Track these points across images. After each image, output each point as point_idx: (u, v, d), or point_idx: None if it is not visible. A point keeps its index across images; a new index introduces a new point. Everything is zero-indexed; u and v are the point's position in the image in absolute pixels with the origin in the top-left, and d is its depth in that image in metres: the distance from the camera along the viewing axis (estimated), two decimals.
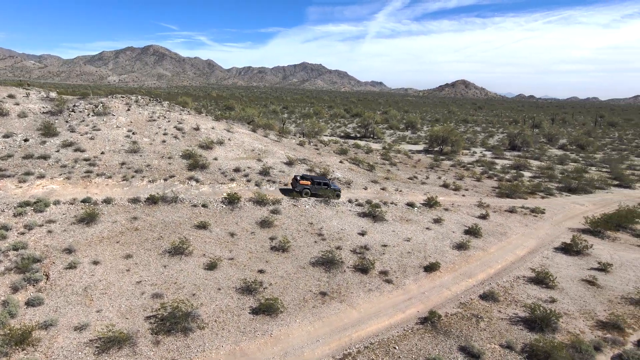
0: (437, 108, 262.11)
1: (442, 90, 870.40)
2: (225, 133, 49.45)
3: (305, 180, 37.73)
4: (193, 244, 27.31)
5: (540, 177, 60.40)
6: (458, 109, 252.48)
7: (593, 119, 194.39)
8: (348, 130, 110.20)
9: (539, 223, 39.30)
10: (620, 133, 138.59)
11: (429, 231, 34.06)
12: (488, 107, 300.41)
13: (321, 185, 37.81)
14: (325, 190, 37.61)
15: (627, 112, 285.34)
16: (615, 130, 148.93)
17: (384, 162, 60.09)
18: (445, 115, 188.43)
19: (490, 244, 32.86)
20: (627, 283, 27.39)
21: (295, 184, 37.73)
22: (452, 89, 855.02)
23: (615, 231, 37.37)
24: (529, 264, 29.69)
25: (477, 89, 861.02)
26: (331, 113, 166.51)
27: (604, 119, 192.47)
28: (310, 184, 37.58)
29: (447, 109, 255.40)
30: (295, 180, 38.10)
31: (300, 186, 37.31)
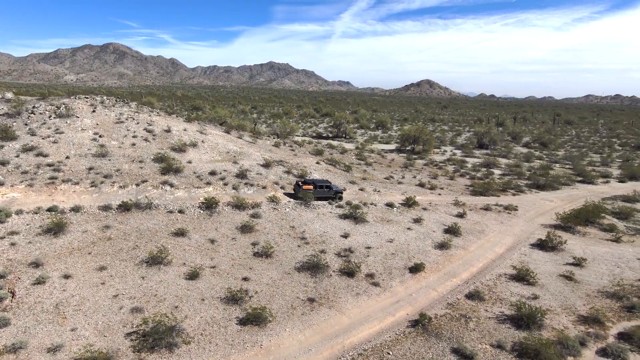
0: (404, 107, 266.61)
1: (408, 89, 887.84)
2: (198, 135, 47.86)
3: (308, 185, 37.45)
4: (172, 253, 26.04)
5: (509, 174, 62.26)
6: (424, 108, 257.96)
7: (551, 117, 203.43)
8: (320, 130, 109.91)
9: (513, 220, 40.33)
10: (577, 131, 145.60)
11: (410, 231, 34.15)
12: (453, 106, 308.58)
13: (323, 188, 37.71)
14: (328, 192, 37.59)
15: (580, 111, 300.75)
16: (572, 128, 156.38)
17: (360, 162, 60.14)
18: (413, 115, 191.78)
19: (470, 243, 33.32)
20: (602, 277, 28.41)
21: (298, 190, 37.22)
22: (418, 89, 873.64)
23: (585, 226, 38.85)
24: (509, 261, 30.28)
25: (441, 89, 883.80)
26: (301, 113, 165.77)
27: (560, 118, 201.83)
28: (313, 188, 37.38)
29: (414, 108, 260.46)
30: (297, 186, 37.61)
31: (303, 192, 36.87)
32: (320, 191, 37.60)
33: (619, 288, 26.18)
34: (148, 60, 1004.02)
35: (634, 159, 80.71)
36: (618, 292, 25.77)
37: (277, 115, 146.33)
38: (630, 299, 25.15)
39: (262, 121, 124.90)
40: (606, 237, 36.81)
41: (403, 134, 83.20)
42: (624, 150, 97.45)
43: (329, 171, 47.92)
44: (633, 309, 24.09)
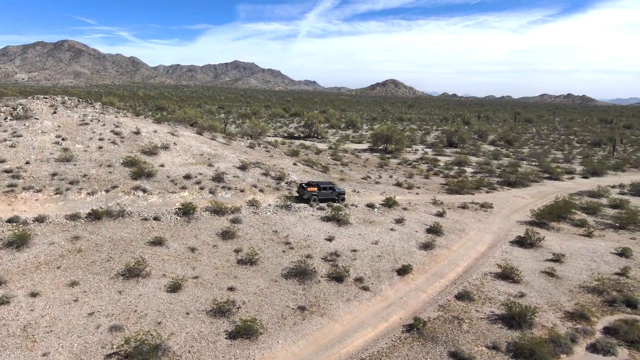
0: (371, 107, 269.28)
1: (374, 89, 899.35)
2: (169, 137, 45.74)
3: (312, 187, 37.36)
4: (150, 264, 24.43)
5: (480, 172, 63.66)
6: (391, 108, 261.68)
7: (511, 116, 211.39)
8: (291, 130, 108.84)
9: (490, 217, 41.01)
10: (537, 128, 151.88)
11: (393, 232, 33.90)
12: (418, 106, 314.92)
13: (327, 189, 37.76)
14: (331, 194, 37.71)
15: (537, 109, 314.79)
16: (532, 126, 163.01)
17: (336, 162, 59.68)
18: (381, 114, 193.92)
19: (452, 242, 33.46)
20: (580, 272, 29.17)
21: (303, 192, 37.11)
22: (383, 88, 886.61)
23: (558, 222, 40.03)
24: (493, 260, 30.58)
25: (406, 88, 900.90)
26: (270, 113, 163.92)
27: (520, 116, 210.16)
28: (317, 190, 37.29)
29: (381, 107, 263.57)
30: (301, 188, 37.45)
31: (308, 193, 36.88)
32: (324, 192, 37.60)
33: (598, 283, 26.90)
34: (106, 59, 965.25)
35: (592, 156, 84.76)
36: (598, 286, 26.47)
37: (246, 115, 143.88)
38: (610, 293, 25.88)
39: (230, 121, 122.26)
40: (579, 232, 38.04)
41: (375, 133, 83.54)
42: (582, 147, 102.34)
43: (306, 172, 47.08)
44: (614, 302, 24.77)
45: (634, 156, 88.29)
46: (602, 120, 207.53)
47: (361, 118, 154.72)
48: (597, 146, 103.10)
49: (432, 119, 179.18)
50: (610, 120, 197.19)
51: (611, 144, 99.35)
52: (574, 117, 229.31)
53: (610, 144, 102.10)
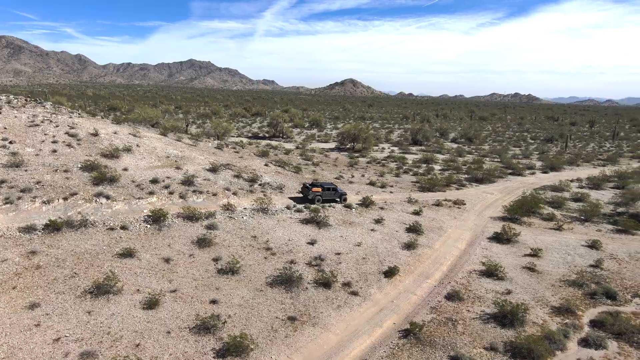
0: (332, 106, 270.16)
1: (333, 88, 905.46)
2: (131, 138, 42.65)
3: (317, 187, 37.84)
4: (121, 278, 22.19)
5: (448, 169, 64.74)
6: (352, 107, 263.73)
7: (467, 114, 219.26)
8: (255, 130, 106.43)
9: (465, 214, 41.42)
10: (492, 126, 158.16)
11: (374, 233, 33.24)
12: (377, 105, 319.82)
13: (330, 190, 38.35)
14: (334, 194, 38.40)
15: (488, 108, 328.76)
16: (487, 124, 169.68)
17: (307, 162, 58.48)
18: (343, 113, 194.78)
19: (433, 240, 33.29)
20: (558, 266, 29.80)
21: (307, 192, 37.70)
22: (342, 88, 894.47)
23: (528, 216, 41.07)
24: (475, 257, 30.63)
25: (364, 88, 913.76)
26: (230, 113, 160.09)
27: (475, 114, 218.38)
28: (321, 191, 37.76)
29: (342, 106, 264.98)
30: (306, 188, 38.05)
31: (313, 193, 37.44)
32: (327, 193, 38.14)
33: (577, 276, 27.49)
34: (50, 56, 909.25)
35: (547, 151, 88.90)
36: (577, 280, 27.04)
37: (206, 115, 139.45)
38: (589, 285, 26.50)
39: (190, 122, 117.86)
40: (549, 226, 39.17)
41: (342, 132, 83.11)
42: (536, 143, 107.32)
43: (278, 173, 45.58)
44: (595, 295, 25.34)
45: (584, 151, 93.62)
46: (549, 117, 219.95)
47: (324, 117, 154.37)
48: (549, 142, 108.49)
49: (393, 117, 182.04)
50: (556, 118, 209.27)
51: (562, 140, 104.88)
52: (523, 114, 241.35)
53: (561, 140, 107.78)
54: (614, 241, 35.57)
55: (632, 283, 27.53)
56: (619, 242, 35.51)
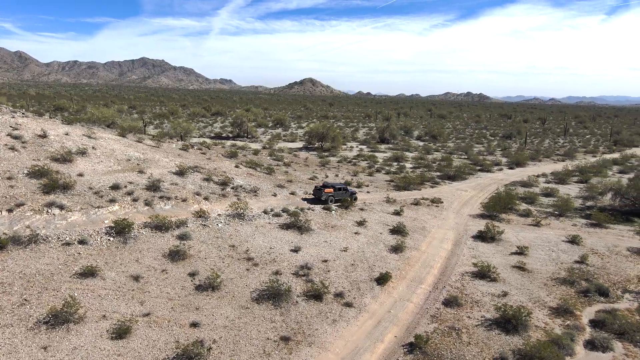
0: (292, 105, 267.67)
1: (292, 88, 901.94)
2: (86, 140, 38.42)
3: (329, 188, 38.34)
4: (83, 303, 19.05)
5: (419, 167, 64.48)
6: (313, 106, 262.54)
7: (425, 112, 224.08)
8: (217, 130, 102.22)
9: (444, 213, 40.73)
10: (452, 124, 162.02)
11: (359, 236, 31.56)
12: (338, 104, 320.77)
13: (341, 190, 38.94)
14: (345, 194, 38.93)
15: (444, 106, 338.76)
16: (447, 122, 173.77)
17: (277, 163, 56.03)
18: (305, 112, 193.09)
19: (419, 242, 32.09)
20: (546, 263, 29.41)
21: (320, 194, 38.05)
22: (301, 87, 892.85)
23: (506, 213, 41.00)
24: (463, 258, 29.66)
25: (323, 87, 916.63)
26: (189, 112, 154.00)
27: (434, 113, 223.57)
28: (334, 191, 38.34)
29: (304, 105, 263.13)
30: (318, 190, 38.45)
31: (326, 195, 37.93)
32: (339, 193, 38.68)
33: (567, 274, 27.13)
34: None
35: (509, 148, 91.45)
36: (568, 277, 26.65)
37: (163, 115, 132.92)
38: (580, 283, 26.16)
39: (147, 122, 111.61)
40: (527, 222, 39.17)
41: (310, 130, 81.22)
42: (497, 139, 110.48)
43: (250, 175, 42.92)
44: (588, 293, 24.95)
45: (542, 147, 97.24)
46: (502, 115, 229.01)
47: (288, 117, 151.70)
48: (508, 139, 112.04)
49: (355, 116, 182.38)
50: (510, 116, 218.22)
51: (521, 137, 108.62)
52: (478, 112, 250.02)
53: (519, 136, 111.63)
54: (590, 235, 35.97)
55: (618, 278, 27.52)
56: (596, 236, 35.96)
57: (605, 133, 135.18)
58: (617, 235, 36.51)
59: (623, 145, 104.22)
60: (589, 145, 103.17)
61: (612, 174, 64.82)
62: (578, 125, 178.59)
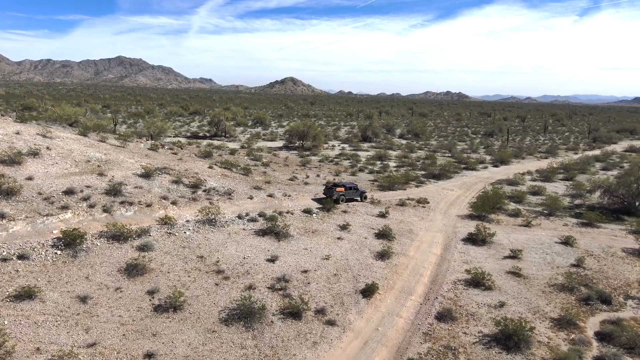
0: (273, 104, 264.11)
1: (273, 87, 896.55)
2: (40, 139, 34.76)
3: (340, 187, 38.01)
4: (13, 333, 15.92)
5: (403, 165, 62.50)
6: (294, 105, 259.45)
7: (407, 111, 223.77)
8: (194, 130, 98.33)
9: (431, 214, 38.64)
10: (433, 122, 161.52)
11: (342, 242, 29.05)
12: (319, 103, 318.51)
13: (352, 189, 38.80)
14: (356, 193, 38.91)
15: (425, 105, 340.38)
16: (428, 120, 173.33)
17: (255, 163, 53.09)
18: (286, 111, 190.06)
19: (406, 247, 29.80)
20: (541, 268, 27.49)
21: (331, 192, 37.67)
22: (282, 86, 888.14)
23: (495, 213, 39.20)
24: (455, 264, 27.48)
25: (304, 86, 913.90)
26: (166, 112, 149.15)
27: (415, 111, 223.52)
28: (344, 190, 38.05)
29: (284, 104, 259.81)
30: (329, 189, 38.11)
31: (337, 193, 37.52)
32: (349, 192, 38.53)
33: (564, 279, 25.24)
34: None
35: (491, 145, 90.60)
36: (566, 283, 24.76)
37: (138, 114, 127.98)
38: (579, 289, 24.30)
39: (120, 121, 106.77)
40: (517, 222, 37.40)
41: (291, 129, 78.44)
42: (479, 137, 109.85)
43: (225, 176, 39.93)
44: (589, 300, 23.07)
45: (524, 145, 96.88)
46: (482, 113, 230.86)
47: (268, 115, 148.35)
48: (490, 136, 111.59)
49: (337, 115, 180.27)
50: (489, 114, 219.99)
51: (502, 135, 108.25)
52: (458, 111, 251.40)
53: (501, 134, 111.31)
54: (583, 236, 34.39)
55: (618, 282, 25.79)
56: (588, 236, 34.40)
57: (583, 130, 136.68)
58: (610, 235, 35.07)
59: (602, 142, 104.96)
60: (569, 143, 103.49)
61: (597, 171, 64.25)
62: (555, 123, 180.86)
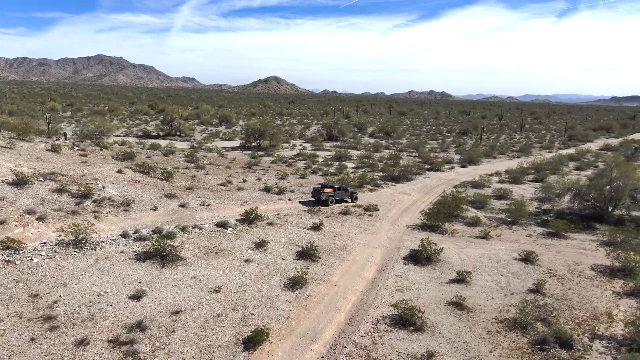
0: (252, 103, 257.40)
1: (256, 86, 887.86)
2: None
3: (328, 189, 36.86)
4: None
5: (362, 166, 57.19)
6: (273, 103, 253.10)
7: (387, 109, 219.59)
8: (149, 128, 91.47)
9: (377, 224, 33.25)
10: (410, 120, 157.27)
11: (249, 266, 23.33)
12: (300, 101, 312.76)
13: (341, 190, 37.60)
14: (345, 194, 37.66)
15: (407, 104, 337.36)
16: (406, 118, 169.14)
17: (189, 165, 46.97)
18: (262, 110, 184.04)
19: (332, 269, 24.24)
20: (492, 294, 22.23)
21: (320, 194, 36.25)
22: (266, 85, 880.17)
23: (451, 222, 34.03)
24: (385, 292, 22.01)
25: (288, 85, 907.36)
26: (132, 110, 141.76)
27: (394, 109, 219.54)
28: (333, 191, 36.85)
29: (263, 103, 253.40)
30: (317, 191, 36.69)
31: (326, 195, 36.31)
32: (338, 193, 37.27)
33: (517, 311, 19.97)
34: None
35: (464, 144, 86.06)
36: (519, 318, 19.49)
37: (100, 112, 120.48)
38: (535, 326, 19.04)
39: (75, 120, 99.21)
40: (474, 233, 32.24)
41: (247, 128, 72.48)
42: (452, 136, 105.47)
43: (135, 182, 33.78)
44: (544, 344, 17.81)
45: (497, 143, 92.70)
46: (462, 112, 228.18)
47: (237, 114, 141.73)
48: (465, 135, 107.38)
49: (313, 113, 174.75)
50: (468, 112, 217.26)
51: (476, 133, 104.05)
52: (439, 110, 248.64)
53: (475, 132, 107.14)
54: (548, 249, 29.38)
55: (584, 314, 20.65)
56: (554, 250, 29.40)
57: (560, 128, 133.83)
58: (579, 247, 30.14)
59: (577, 141, 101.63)
60: (544, 141, 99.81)
61: (569, 171, 59.94)
62: (534, 121, 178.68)
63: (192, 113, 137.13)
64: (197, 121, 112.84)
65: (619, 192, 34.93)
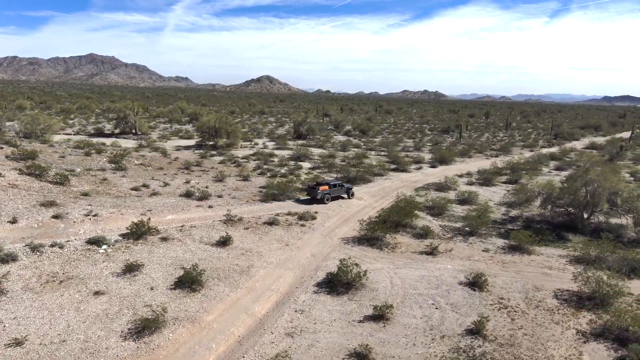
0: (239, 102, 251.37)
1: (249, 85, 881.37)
2: None
3: (323, 186, 35.76)
4: None
5: (320, 167, 51.50)
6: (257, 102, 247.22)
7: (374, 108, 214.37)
8: (108, 126, 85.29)
9: (306, 236, 27.58)
10: (394, 118, 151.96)
11: (96, 300, 17.51)
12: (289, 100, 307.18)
13: (337, 187, 36.62)
14: (341, 190, 36.92)
15: (398, 103, 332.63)
16: (391, 117, 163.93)
17: (108, 166, 40.98)
18: (245, 108, 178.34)
19: (214, 302, 18.49)
20: (414, 339, 16.58)
21: (315, 192, 35.12)
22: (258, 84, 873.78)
23: (396, 232, 28.41)
24: (269, 338, 16.29)
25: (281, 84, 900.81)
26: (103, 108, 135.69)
27: (382, 108, 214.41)
28: (329, 188, 35.77)
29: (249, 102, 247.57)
30: (312, 189, 35.53)
31: (321, 192, 35.17)
32: (334, 190, 36.23)
33: None
34: None
35: (441, 142, 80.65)
36: None
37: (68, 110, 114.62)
38: None
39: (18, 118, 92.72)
40: (420, 247, 26.61)
41: (201, 125, 66.57)
42: (433, 134, 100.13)
43: (12, 187, 27.83)
44: None
45: (478, 141, 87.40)
46: (450, 110, 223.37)
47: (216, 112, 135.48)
48: (446, 133, 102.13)
49: (296, 112, 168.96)
50: (457, 111, 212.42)
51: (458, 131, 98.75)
52: (428, 108, 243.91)
53: (457, 130, 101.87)
54: (505, 269, 23.85)
55: None
56: (512, 269, 23.86)
57: (548, 127, 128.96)
58: (543, 266, 24.61)
59: (563, 139, 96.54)
60: (529, 139, 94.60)
61: (548, 171, 54.59)
62: (523, 119, 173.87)
63: (163, 111, 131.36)
64: (167, 119, 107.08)
65: (595, 196, 29.46)
